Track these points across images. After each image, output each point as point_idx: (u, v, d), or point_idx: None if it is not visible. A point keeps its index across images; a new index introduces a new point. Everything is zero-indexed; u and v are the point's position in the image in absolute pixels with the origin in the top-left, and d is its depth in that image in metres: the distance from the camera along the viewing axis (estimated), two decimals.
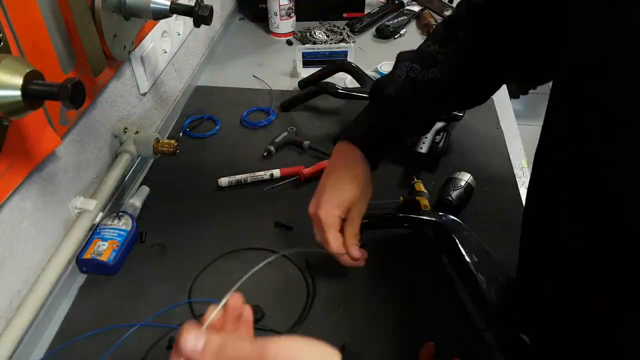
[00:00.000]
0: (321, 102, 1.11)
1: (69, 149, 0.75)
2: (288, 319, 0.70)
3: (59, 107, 0.70)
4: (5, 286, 0.65)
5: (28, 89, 0.52)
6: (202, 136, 1.04)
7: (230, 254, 0.79)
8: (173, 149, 0.89)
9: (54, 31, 0.67)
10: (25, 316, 0.66)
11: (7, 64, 0.51)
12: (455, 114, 0.97)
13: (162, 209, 0.88)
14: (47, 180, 0.71)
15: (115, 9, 0.75)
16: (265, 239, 0.82)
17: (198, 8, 0.79)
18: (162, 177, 0.94)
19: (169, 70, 1.06)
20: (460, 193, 0.86)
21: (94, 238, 0.78)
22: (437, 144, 0.95)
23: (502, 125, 1.06)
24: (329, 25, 1.42)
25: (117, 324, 0.69)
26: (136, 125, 0.92)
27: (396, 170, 0.94)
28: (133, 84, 0.92)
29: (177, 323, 0.70)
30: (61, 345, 0.68)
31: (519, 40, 0.66)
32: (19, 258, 0.67)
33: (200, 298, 0.73)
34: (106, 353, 0.66)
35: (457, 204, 0.85)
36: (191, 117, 1.08)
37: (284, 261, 0.78)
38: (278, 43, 1.38)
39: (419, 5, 1.50)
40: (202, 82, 1.21)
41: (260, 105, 1.12)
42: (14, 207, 0.65)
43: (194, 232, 0.83)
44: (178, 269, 0.77)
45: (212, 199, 0.89)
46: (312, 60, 1.18)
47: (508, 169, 0.95)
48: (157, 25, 0.97)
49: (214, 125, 1.06)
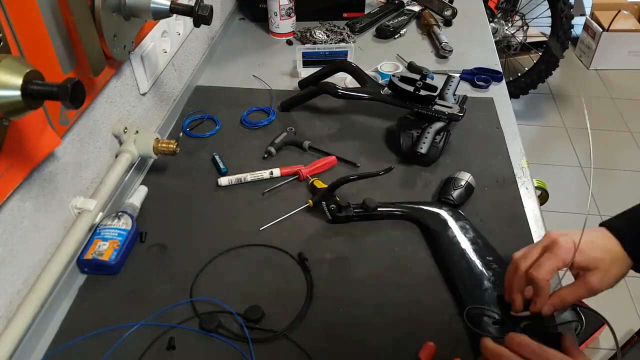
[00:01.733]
0: (321, 102, 1.11)
1: (69, 149, 0.75)
2: (288, 318, 0.70)
3: (59, 107, 0.70)
4: (5, 286, 0.65)
5: (28, 89, 0.52)
6: (202, 136, 1.04)
7: (229, 253, 0.80)
8: (173, 149, 0.89)
9: (54, 31, 0.67)
10: (25, 316, 0.65)
11: (7, 64, 0.51)
12: (455, 114, 0.97)
13: (162, 208, 0.88)
14: (47, 180, 0.71)
15: (115, 9, 0.75)
16: (265, 238, 0.82)
17: (198, 8, 0.79)
18: (162, 177, 0.94)
19: (169, 70, 1.06)
20: (460, 192, 0.86)
21: (94, 238, 0.78)
22: (437, 144, 0.95)
23: (502, 125, 1.06)
24: (329, 25, 1.42)
25: (117, 324, 0.69)
26: (136, 125, 0.92)
27: (396, 170, 0.94)
28: (133, 83, 0.92)
29: (177, 322, 0.70)
30: (61, 346, 0.68)
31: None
32: (19, 258, 0.67)
33: (200, 297, 0.73)
34: (106, 353, 0.66)
35: (458, 203, 0.85)
36: (191, 117, 1.08)
37: (283, 261, 0.79)
38: (278, 43, 1.38)
39: (419, 5, 1.50)
40: (202, 82, 1.21)
41: (260, 105, 1.12)
42: (14, 207, 0.65)
43: (194, 232, 0.83)
44: (178, 269, 0.77)
45: (212, 199, 0.89)
46: (312, 60, 1.18)
47: (508, 169, 0.95)
48: (157, 25, 0.97)
49: (214, 125, 1.06)
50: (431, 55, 1.32)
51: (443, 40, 1.32)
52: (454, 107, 0.99)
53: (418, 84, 0.99)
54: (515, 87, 2.70)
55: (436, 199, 0.87)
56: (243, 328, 0.68)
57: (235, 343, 0.68)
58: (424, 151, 0.91)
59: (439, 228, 0.80)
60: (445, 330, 0.69)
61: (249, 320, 0.69)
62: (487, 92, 1.17)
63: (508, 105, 1.13)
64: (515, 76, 2.76)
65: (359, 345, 0.68)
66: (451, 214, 0.82)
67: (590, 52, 3.11)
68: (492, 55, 1.31)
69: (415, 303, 0.73)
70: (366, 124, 1.07)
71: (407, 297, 0.73)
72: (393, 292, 0.74)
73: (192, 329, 0.69)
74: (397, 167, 0.95)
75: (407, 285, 0.75)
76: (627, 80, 3.01)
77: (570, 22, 2.46)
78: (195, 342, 0.68)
